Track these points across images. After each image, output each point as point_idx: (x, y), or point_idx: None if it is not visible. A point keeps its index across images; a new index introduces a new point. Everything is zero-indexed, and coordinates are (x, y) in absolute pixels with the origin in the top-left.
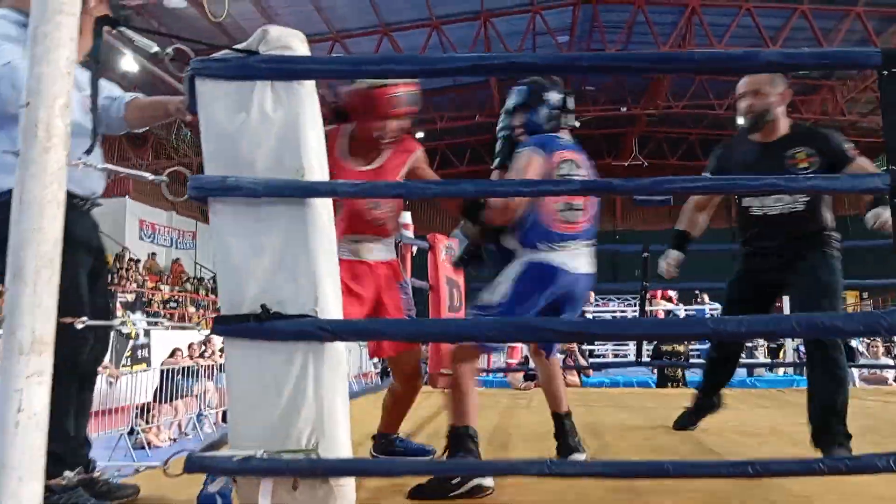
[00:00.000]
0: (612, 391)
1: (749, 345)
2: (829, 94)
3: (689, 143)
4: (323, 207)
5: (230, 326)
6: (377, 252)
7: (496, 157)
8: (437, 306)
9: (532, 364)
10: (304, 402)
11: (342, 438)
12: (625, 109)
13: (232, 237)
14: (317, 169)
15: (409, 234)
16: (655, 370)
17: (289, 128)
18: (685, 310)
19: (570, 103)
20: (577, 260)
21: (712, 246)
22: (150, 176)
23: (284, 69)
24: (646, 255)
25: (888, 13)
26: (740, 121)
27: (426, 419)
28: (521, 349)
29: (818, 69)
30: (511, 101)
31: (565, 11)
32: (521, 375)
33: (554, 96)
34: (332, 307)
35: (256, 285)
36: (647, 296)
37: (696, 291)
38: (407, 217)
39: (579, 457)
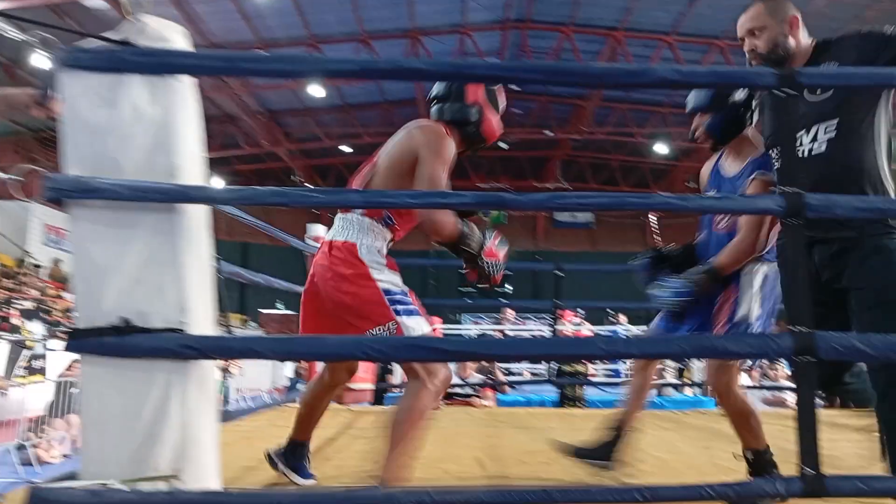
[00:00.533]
0: (519, 411)
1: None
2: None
3: (611, 169)
4: (197, 214)
5: (86, 341)
6: None
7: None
8: None
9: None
10: (166, 427)
11: (209, 466)
12: (550, 133)
13: (92, 243)
14: (191, 172)
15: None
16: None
17: (163, 126)
18: (592, 329)
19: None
20: None
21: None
22: (3, 175)
23: (160, 63)
24: (557, 272)
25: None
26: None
27: (329, 439)
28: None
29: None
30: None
31: (494, 35)
32: None
33: (739, 94)
34: (201, 322)
35: (117, 297)
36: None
37: (610, 311)
38: (319, 230)
39: None
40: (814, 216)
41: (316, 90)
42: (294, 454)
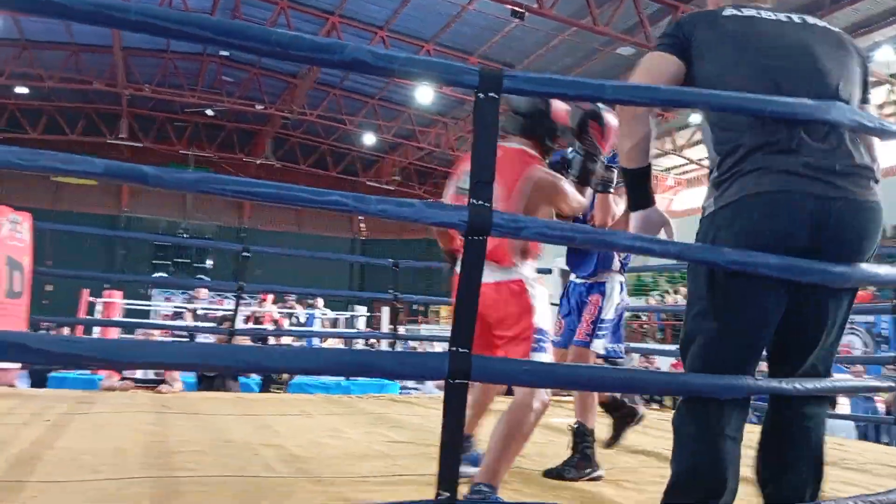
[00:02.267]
0: (194, 396)
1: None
2: (442, 130)
3: (321, 152)
4: None
5: None
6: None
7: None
8: None
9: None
10: None
11: None
12: (260, 107)
13: None
14: None
15: None
16: None
17: None
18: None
19: None
20: None
21: (327, 254)
22: None
23: None
24: (245, 254)
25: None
26: None
27: None
28: None
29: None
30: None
31: None
32: (116, 377)
33: None
34: None
35: None
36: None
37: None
38: None
39: None
40: (499, 236)
41: None
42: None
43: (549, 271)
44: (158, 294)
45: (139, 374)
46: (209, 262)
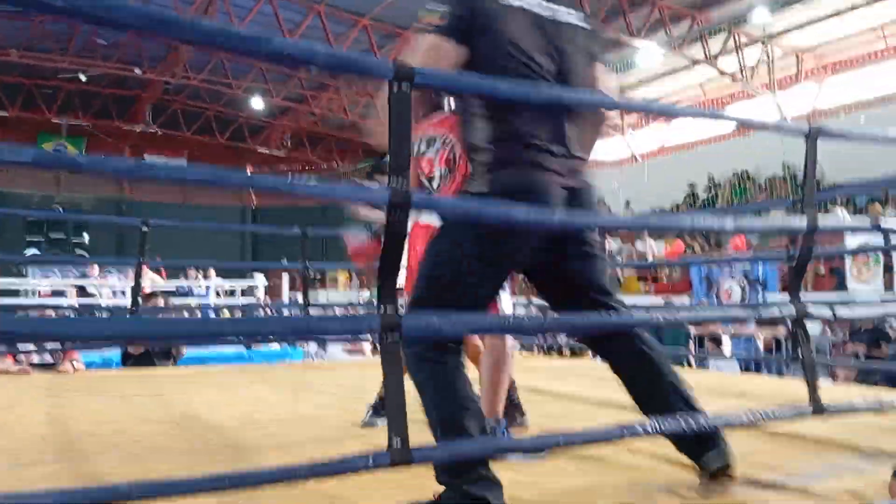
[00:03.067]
0: (93, 375)
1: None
2: (335, 94)
3: (207, 118)
4: None
5: None
6: None
7: None
8: None
9: None
10: None
11: None
12: (139, 72)
13: None
14: None
15: None
16: None
17: None
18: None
19: None
20: None
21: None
22: None
23: None
24: (145, 228)
25: (390, 31)
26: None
27: None
28: None
29: (331, 70)
30: None
31: None
32: (9, 359)
33: None
34: None
35: None
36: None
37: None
38: None
39: None
40: (417, 210)
41: None
42: None
43: None
44: (36, 273)
45: (35, 357)
46: (86, 237)
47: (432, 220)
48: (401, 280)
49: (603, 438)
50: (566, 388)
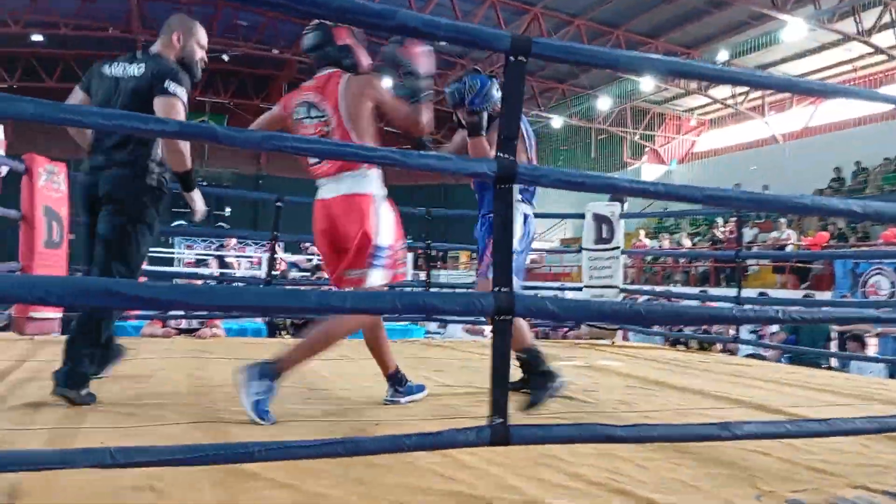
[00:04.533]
0: (234, 341)
1: None
2: (460, 71)
3: None
4: None
5: None
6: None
7: (479, 127)
8: (31, 241)
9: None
10: None
11: None
12: (276, 52)
13: None
14: None
15: (1, 151)
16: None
17: None
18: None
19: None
20: None
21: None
22: None
23: None
24: (279, 204)
25: (519, 6)
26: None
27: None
28: None
29: (452, 42)
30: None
31: None
32: (158, 325)
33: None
34: None
35: None
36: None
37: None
38: None
39: None
40: (522, 184)
41: None
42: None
43: (581, 216)
44: (179, 242)
45: (183, 322)
46: (227, 210)
47: (362, 188)
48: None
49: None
50: (690, 381)
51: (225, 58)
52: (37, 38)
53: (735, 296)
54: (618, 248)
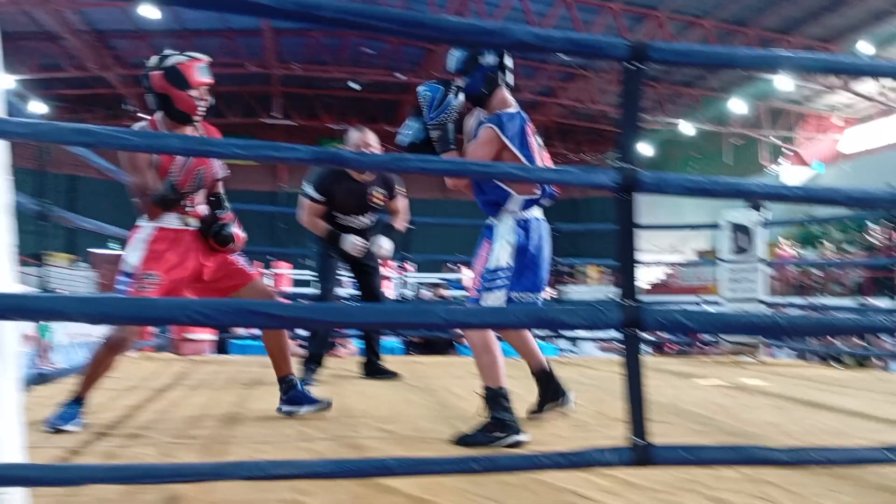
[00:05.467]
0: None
1: None
2: (584, 83)
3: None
4: None
5: None
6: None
7: (446, 141)
8: None
9: None
10: None
11: (8, 438)
12: (401, 77)
13: None
14: None
15: None
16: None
17: None
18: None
19: (508, 57)
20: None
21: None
22: None
23: None
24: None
25: (641, 12)
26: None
27: (160, 390)
28: None
29: (567, 53)
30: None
31: None
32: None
33: (490, 58)
34: None
35: None
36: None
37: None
38: None
39: None
40: (645, 193)
41: (149, 11)
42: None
43: (717, 225)
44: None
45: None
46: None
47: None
48: None
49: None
50: (845, 401)
51: (356, 87)
52: None
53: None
54: (758, 258)
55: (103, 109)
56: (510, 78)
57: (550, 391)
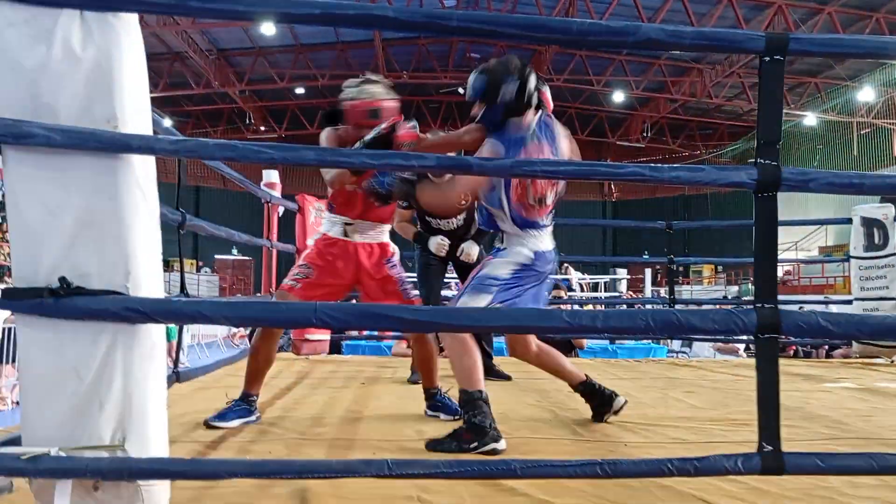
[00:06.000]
0: None
1: None
2: (697, 77)
3: (568, 117)
4: (140, 165)
5: (22, 302)
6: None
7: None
8: None
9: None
10: (108, 394)
11: (154, 434)
12: None
13: (25, 194)
14: (133, 120)
15: (277, 193)
16: None
17: (100, 70)
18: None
19: (531, 82)
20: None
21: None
22: None
23: None
24: None
25: (759, 0)
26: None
27: (285, 388)
28: None
29: (699, 49)
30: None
31: None
32: (404, 344)
33: (509, 89)
34: (147, 283)
35: (55, 253)
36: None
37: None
38: (273, 175)
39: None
40: (787, 190)
41: (267, 28)
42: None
43: (846, 220)
44: None
45: None
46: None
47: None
48: None
49: None
50: None
51: (461, 91)
52: (299, 90)
53: None
54: (894, 255)
55: (226, 123)
56: (534, 98)
57: (598, 400)
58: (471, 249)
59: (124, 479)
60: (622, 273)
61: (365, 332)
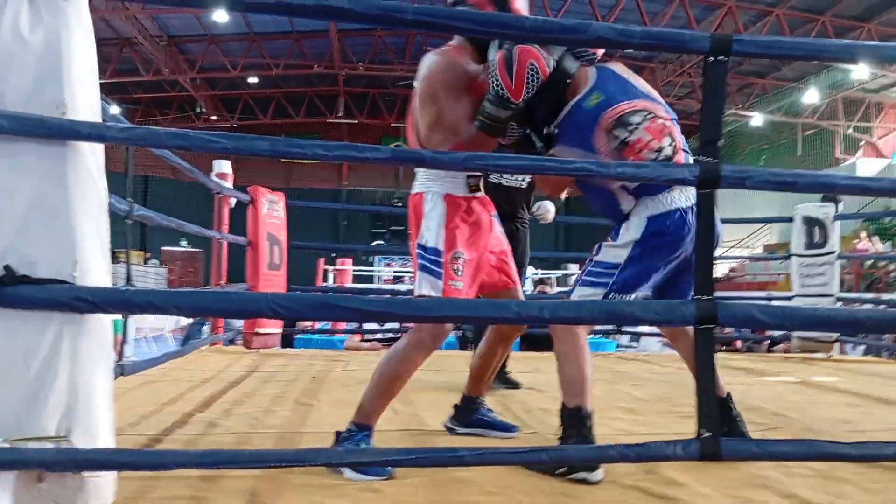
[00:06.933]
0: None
1: None
2: (649, 76)
3: None
4: (90, 153)
5: None
6: None
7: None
8: (256, 264)
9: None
10: (54, 384)
11: (101, 425)
12: None
13: None
14: (83, 106)
15: (228, 184)
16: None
17: (49, 54)
18: None
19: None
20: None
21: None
22: None
23: None
24: None
25: (711, 1)
26: None
27: (235, 382)
28: None
29: (648, 48)
30: None
31: None
32: (357, 337)
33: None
34: (95, 273)
35: (2, 240)
36: None
37: None
38: (225, 166)
39: None
40: (727, 187)
41: (219, 15)
42: (470, 411)
43: (788, 219)
44: (378, 260)
45: (379, 335)
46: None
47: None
48: None
49: None
50: None
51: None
52: (252, 79)
53: None
54: (832, 253)
55: (176, 111)
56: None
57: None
58: (550, 206)
59: (70, 471)
60: (574, 269)
61: (317, 325)
